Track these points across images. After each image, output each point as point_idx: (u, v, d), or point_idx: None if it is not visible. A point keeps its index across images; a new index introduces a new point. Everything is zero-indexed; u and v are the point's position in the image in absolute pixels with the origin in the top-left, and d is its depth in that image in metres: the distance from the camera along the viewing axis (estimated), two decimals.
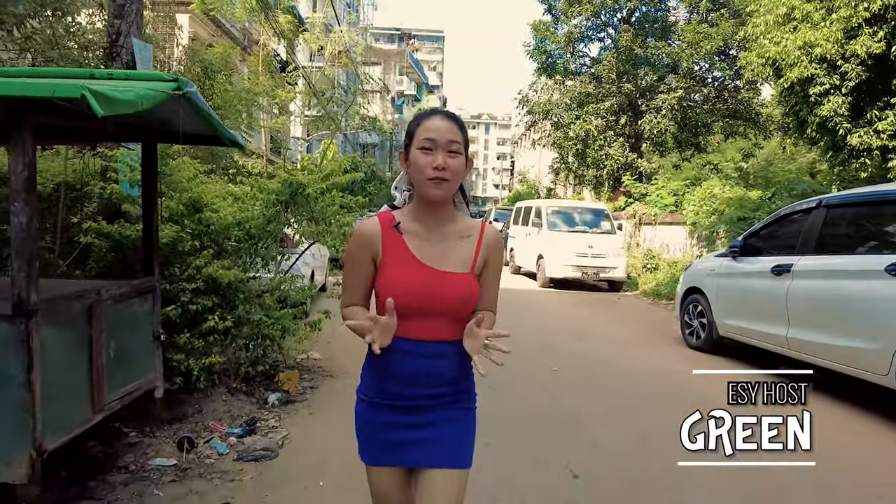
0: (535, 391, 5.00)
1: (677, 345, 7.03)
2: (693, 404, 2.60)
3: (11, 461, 2.28)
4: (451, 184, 1.53)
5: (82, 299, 2.62)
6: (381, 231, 1.58)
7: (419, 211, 1.59)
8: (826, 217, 5.13)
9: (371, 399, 1.63)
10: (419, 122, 1.57)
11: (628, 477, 3.40)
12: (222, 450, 3.53)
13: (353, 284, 1.62)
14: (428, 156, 1.51)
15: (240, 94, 9.60)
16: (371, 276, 1.60)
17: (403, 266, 1.55)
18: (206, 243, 4.08)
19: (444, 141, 1.51)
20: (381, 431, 1.61)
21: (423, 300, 1.53)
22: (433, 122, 1.54)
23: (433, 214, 1.59)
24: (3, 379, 2.26)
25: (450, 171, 1.51)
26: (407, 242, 1.57)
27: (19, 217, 2.24)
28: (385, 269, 1.56)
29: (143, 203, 3.35)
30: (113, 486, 3.04)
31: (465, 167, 1.56)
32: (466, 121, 60.51)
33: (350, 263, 1.63)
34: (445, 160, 1.50)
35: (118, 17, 4.41)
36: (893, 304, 4.14)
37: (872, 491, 3.33)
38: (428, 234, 1.59)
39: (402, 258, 1.56)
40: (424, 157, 1.51)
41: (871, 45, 8.90)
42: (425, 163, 1.50)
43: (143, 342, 3.18)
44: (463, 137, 1.56)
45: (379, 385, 1.61)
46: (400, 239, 1.57)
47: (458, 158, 1.53)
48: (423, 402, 1.58)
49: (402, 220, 1.59)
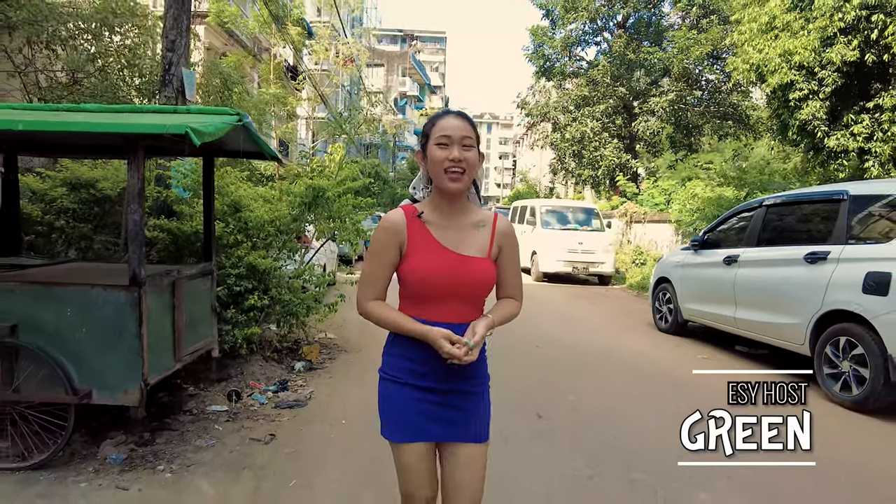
0: (519, 359, 5.89)
1: (649, 329, 7.93)
2: (645, 368, 3.46)
3: (128, 390, 3.19)
4: (467, 175, 1.69)
5: (169, 276, 3.53)
6: (405, 220, 1.73)
7: (438, 203, 1.74)
8: (766, 215, 6.03)
9: (396, 379, 1.75)
10: (434, 122, 1.73)
11: (574, 402, 4.31)
12: (262, 400, 4.45)
13: (377, 275, 1.73)
14: (444, 150, 1.67)
15: (258, 105, 10.47)
16: (394, 265, 1.73)
17: (429, 251, 1.70)
18: (244, 238, 5.00)
19: (459, 136, 1.67)
20: (406, 409, 1.73)
21: (448, 282, 1.68)
22: (447, 122, 1.70)
23: (451, 205, 1.74)
24: (122, 331, 3.17)
25: (466, 163, 1.67)
26: (431, 231, 1.72)
27: (133, 216, 3.15)
28: (412, 255, 1.70)
29: (204, 204, 4.25)
30: (182, 423, 3.96)
31: (479, 160, 1.73)
32: None
33: (375, 251, 1.74)
34: (461, 153, 1.67)
35: (170, 51, 5.32)
36: (808, 286, 5.03)
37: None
38: (447, 223, 1.74)
39: (427, 244, 1.70)
40: (441, 152, 1.67)
41: (845, 53, 9.45)
42: (442, 157, 1.67)
43: (205, 312, 4.09)
44: (475, 133, 1.71)
45: (406, 365, 1.73)
46: (424, 227, 1.72)
47: (472, 151, 1.70)
48: (450, 385, 1.73)
49: (425, 212, 1.75)
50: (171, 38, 5.34)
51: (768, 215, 5.99)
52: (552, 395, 4.88)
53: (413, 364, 1.72)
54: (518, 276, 1.86)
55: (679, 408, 4.02)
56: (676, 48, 20.77)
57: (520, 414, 4.33)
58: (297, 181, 6.11)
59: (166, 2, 5.41)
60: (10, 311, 3.17)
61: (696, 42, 20.16)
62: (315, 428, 4.00)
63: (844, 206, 4.99)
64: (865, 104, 10.12)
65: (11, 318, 3.16)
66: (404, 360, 1.73)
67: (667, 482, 3.27)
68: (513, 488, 3.14)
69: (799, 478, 3.29)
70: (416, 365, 1.71)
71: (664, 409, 4.53)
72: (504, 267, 1.80)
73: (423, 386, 1.72)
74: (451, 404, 1.73)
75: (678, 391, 5.00)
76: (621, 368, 5.83)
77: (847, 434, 4.17)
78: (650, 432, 4.03)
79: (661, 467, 3.41)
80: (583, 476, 3.37)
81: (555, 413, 4.42)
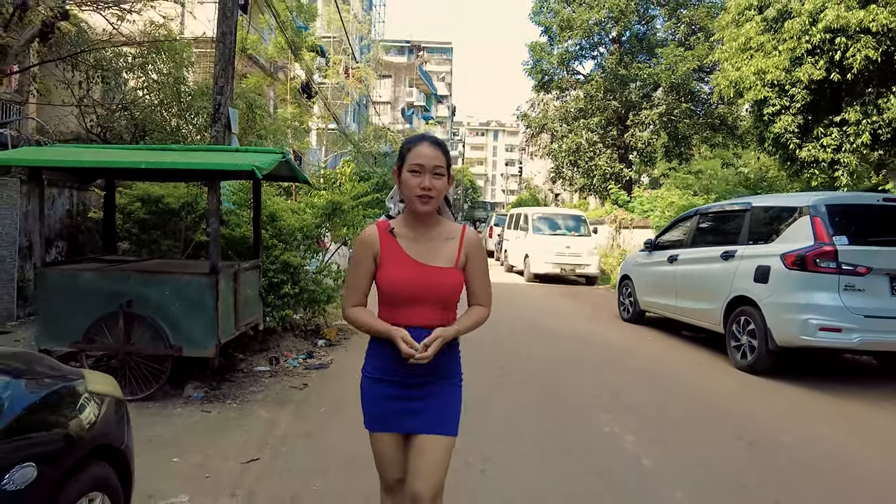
0: (500, 341, 7.26)
1: (614, 319, 9.28)
2: (602, 349, 4.77)
3: (207, 346, 4.60)
4: (436, 200, 1.83)
5: (233, 268, 4.95)
6: (378, 235, 1.88)
7: (410, 220, 1.90)
8: (698, 221, 7.39)
9: (374, 376, 1.94)
10: (409, 147, 1.85)
11: (526, 359, 5.67)
12: (295, 364, 5.85)
13: (357, 284, 1.90)
14: (417, 177, 1.80)
15: (280, 127, 11.96)
16: (371, 274, 1.89)
17: (399, 263, 1.85)
18: (279, 241, 6.41)
19: (431, 166, 1.80)
20: (382, 403, 1.92)
21: (416, 290, 1.83)
22: (422, 149, 1.82)
23: (422, 222, 1.89)
24: (204, 305, 4.57)
25: (435, 191, 1.81)
26: (400, 244, 1.87)
27: (212, 226, 4.58)
28: (384, 266, 1.86)
29: (254, 216, 5.68)
30: (238, 377, 5.36)
31: (448, 184, 1.86)
32: (475, 128, 62.83)
33: (354, 262, 1.92)
34: (431, 182, 1.80)
35: (219, 94, 6.78)
36: (722, 278, 6.38)
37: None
38: (417, 237, 1.88)
39: (397, 256, 1.85)
40: (414, 179, 1.80)
41: (812, 72, 10.24)
42: (415, 184, 1.80)
43: (254, 296, 5.50)
44: (446, 161, 1.84)
45: (381, 364, 1.91)
46: (395, 241, 1.87)
47: (442, 179, 1.83)
48: (418, 380, 1.89)
49: (396, 227, 1.90)
50: (220, 85, 6.79)
51: (700, 222, 7.35)
52: (514, 357, 6.27)
53: (385, 362, 1.90)
54: (486, 283, 1.99)
55: (608, 360, 5.40)
56: (665, 64, 22.05)
57: (487, 368, 5.72)
58: (316, 194, 7.54)
59: (216, 56, 6.87)
60: (127, 291, 4.60)
61: (683, 58, 21.46)
62: (336, 380, 5.40)
63: (748, 215, 6.35)
64: (834, 118, 10.88)
65: (128, 295, 4.58)
66: (378, 359, 1.92)
67: (588, 407, 4.66)
68: (483, 416, 4.52)
69: (686, 414, 4.66)
70: (387, 363, 1.89)
71: (599, 364, 5.90)
72: (472, 275, 1.94)
73: (391, 380, 1.90)
74: (418, 397, 1.90)
75: (612, 352, 6.37)
76: (578, 342, 7.21)
77: (740, 390, 5.53)
78: (580, 379, 5.41)
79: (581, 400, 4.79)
80: (532, 403, 4.76)
81: (513, 366, 5.80)
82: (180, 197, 6.66)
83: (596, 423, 4.39)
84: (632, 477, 3.47)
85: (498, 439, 3.99)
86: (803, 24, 10.15)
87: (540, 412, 4.66)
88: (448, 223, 1.97)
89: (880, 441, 4.28)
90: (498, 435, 4.08)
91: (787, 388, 5.45)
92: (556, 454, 3.80)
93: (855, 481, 3.56)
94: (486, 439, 3.93)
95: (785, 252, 5.49)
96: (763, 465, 3.68)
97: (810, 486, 3.46)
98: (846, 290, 5.14)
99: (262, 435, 3.99)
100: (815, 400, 5.17)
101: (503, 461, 3.64)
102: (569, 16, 24.15)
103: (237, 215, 6.47)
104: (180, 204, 6.58)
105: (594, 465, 3.62)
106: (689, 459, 3.76)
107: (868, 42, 9.45)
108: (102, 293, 4.60)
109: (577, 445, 3.95)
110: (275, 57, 16.13)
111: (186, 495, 3.09)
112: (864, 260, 5.15)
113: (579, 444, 3.98)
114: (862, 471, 3.73)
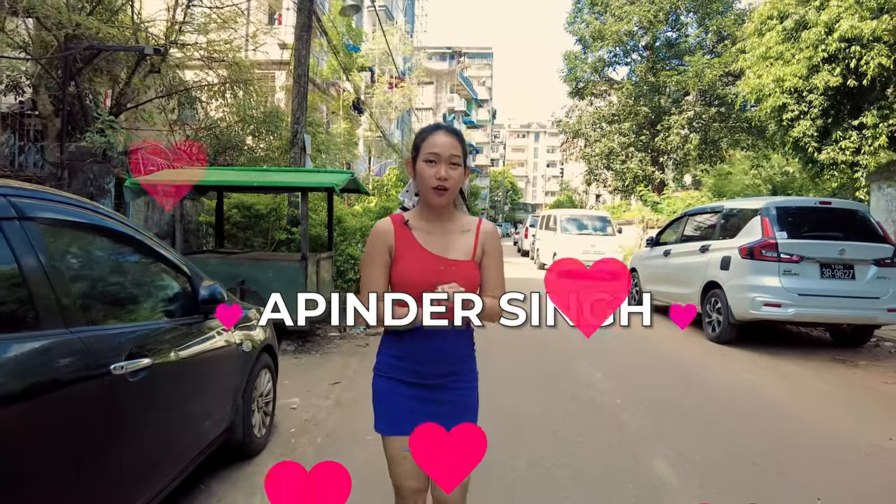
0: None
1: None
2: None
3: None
4: (452, 192, 1.80)
5: (315, 257, 6.75)
6: (393, 227, 1.85)
7: (426, 212, 1.87)
8: (687, 221, 8.82)
9: (388, 375, 1.87)
10: (424, 136, 1.82)
11: (540, 342, 7.26)
12: (357, 332, 7.63)
13: (373, 278, 1.83)
14: (432, 167, 1.77)
15: (337, 144, 13.90)
16: (387, 267, 1.83)
17: (415, 255, 1.82)
18: (344, 238, 8.21)
19: (447, 155, 1.77)
20: (396, 404, 1.85)
21: (433, 282, 1.72)
22: (437, 138, 1.79)
23: (437, 214, 1.86)
24: (296, 282, 6.37)
25: (451, 181, 1.77)
26: (416, 236, 1.84)
27: (303, 226, 6.39)
28: (399, 259, 1.82)
29: (328, 219, 7.48)
30: (316, 339, 7.16)
31: (464, 175, 1.82)
32: (515, 131, 64.43)
33: (369, 257, 1.85)
34: (447, 172, 1.76)
35: (296, 123, 8.64)
36: (700, 268, 7.81)
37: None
38: (433, 229, 1.86)
39: (412, 249, 1.83)
40: (429, 169, 1.77)
41: (829, 79, 10.76)
42: (430, 174, 1.77)
43: (329, 279, 7.30)
44: (462, 150, 1.80)
45: (397, 363, 1.86)
46: (410, 234, 1.84)
47: (458, 169, 1.79)
48: (436, 381, 1.84)
49: (411, 219, 1.87)
50: (297, 115, 8.65)
51: (688, 221, 8.78)
52: (528, 339, 7.88)
53: (403, 362, 1.84)
54: (501, 276, 1.93)
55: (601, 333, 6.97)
56: (692, 71, 23.08)
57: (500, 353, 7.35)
58: (369, 199, 9.30)
59: (293, 92, 8.73)
60: (241, 273, 6.44)
61: (710, 66, 22.45)
62: None
63: (721, 215, 7.77)
64: (852, 122, 11.39)
65: (242, 276, 6.42)
66: (395, 357, 1.85)
67: (574, 358, 6.26)
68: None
69: (650, 366, 6.22)
70: (405, 363, 1.83)
71: (594, 336, 7.44)
72: (487, 268, 1.89)
73: (410, 381, 1.84)
74: (438, 399, 1.84)
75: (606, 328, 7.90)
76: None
77: (702, 354, 6.99)
78: (577, 345, 6.99)
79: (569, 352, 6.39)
80: (538, 375, 6.38)
81: (524, 348, 7.42)
82: (267, 204, 8.56)
83: (576, 367, 5.98)
84: (598, 398, 5.06)
85: (505, 378, 5.65)
86: (819, 33, 10.66)
87: (540, 363, 6.29)
88: (464, 216, 1.94)
89: (798, 389, 5.70)
90: (505, 374, 5.73)
91: (740, 353, 6.88)
92: (547, 381, 5.42)
93: (769, 413, 5.01)
94: (499, 380, 5.59)
95: (740, 245, 6.92)
96: (695, 398, 5.21)
97: (728, 410, 4.96)
98: (785, 274, 6.54)
99: (339, 371, 5.76)
100: (759, 361, 6.59)
101: (511, 389, 5.29)
102: (600, 27, 25.41)
103: (313, 219, 8.31)
104: (268, 210, 8.47)
105: (571, 391, 5.23)
106: (642, 393, 5.32)
107: (881, 50, 9.89)
108: (223, 274, 6.45)
109: (562, 379, 5.56)
110: (328, 77, 18.16)
111: (297, 398, 4.86)
112: (798, 250, 6.54)
113: (564, 378, 5.59)
114: (775, 405, 5.19)
